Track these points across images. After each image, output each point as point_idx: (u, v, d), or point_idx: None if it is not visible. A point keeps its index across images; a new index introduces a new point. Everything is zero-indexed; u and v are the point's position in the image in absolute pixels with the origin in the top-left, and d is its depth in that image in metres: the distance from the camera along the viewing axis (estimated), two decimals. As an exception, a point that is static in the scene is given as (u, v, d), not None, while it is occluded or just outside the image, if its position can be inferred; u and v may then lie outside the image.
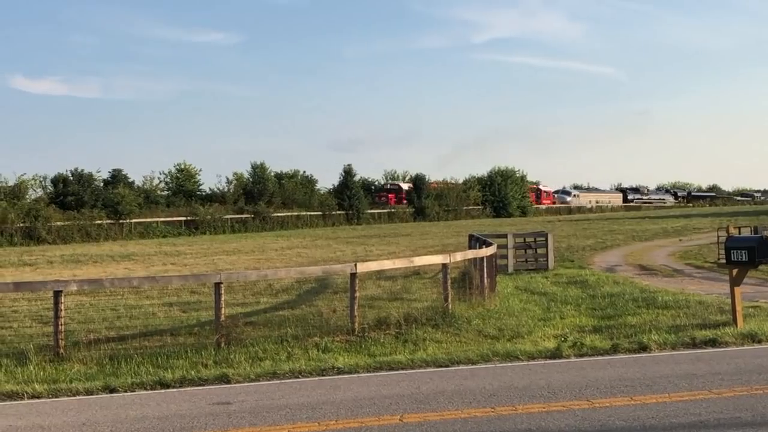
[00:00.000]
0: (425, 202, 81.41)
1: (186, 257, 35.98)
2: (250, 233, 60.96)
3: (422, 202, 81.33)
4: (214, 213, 62.35)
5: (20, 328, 15.76)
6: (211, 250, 40.36)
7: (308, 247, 41.45)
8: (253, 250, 39.88)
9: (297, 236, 53.98)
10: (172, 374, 11.20)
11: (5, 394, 10.32)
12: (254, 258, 34.73)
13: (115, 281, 16.34)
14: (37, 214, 50.55)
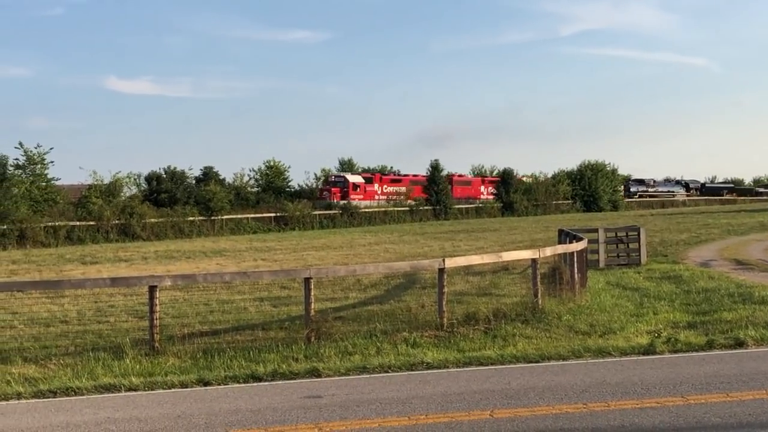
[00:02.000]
0: (513, 197, 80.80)
1: (276, 253, 36.42)
2: (338, 229, 61.38)
3: (510, 196, 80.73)
4: (303, 209, 62.95)
5: (117, 323, 16.16)
6: (300, 246, 40.78)
7: (396, 243, 41.54)
8: (341, 246, 40.16)
9: (384, 232, 54.13)
10: (264, 368, 11.36)
11: (103, 387, 10.60)
12: (342, 253, 34.96)
13: (207, 277, 16.62)
14: (131, 211, 51.76)
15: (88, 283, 16.32)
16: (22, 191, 51.06)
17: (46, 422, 8.80)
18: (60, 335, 14.84)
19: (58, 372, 11.67)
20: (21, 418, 9.05)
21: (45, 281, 21.09)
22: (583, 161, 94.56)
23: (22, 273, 29.46)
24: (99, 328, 15.63)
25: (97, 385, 10.66)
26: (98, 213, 50.35)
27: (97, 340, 14.15)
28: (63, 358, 12.52)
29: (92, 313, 17.46)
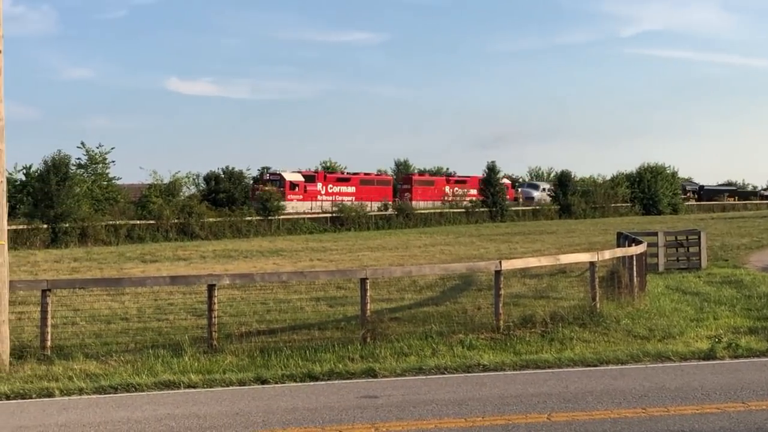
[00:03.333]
0: (571, 199, 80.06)
1: (332, 253, 36.56)
2: (394, 230, 61.38)
3: (568, 199, 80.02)
4: (359, 210, 63.11)
5: (176, 321, 16.35)
6: (355, 247, 40.88)
7: (451, 244, 41.45)
8: (396, 247, 40.18)
9: (440, 233, 54.04)
10: (320, 367, 11.43)
11: (163, 384, 10.76)
12: (398, 254, 34.98)
13: (265, 276, 16.76)
14: (190, 210, 52.32)
15: (148, 281, 16.59)
16: (84, 190, 51.92)
17: (107, 417, 8.96)
18: (120, 332, 15.06)
19: (118, 368, 11.85)
20: (83, 413, 9.23)
21: (106, 279, 21.45)
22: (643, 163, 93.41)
23: (83, 270, 29.95)
24: (158, 325, 15.82)
25: (156, 381, 10.82)
26: (158, 212, 50.99)
27: (156, 337, 14.32)
28: (123, 354, 12.69)
29: (152, 311, 17.68)
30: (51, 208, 45.36)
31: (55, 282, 15.85)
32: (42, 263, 33.06)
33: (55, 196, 45.50)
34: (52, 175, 46.15)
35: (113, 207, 53.72)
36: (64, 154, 48.24)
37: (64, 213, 45.47)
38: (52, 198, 45.51)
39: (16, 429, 8.51)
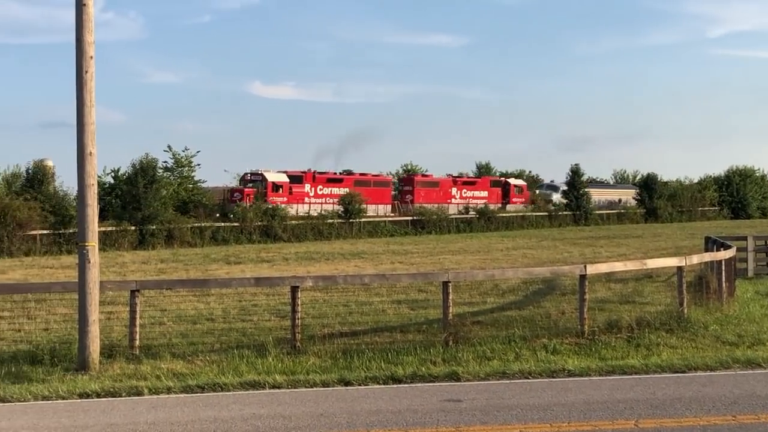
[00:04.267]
0: (657, 203, 78.67)
1: (413, 256, 36.60)
2: (475, 233, 61.15)
3: (654, 202, 78.65)
4: (440, 213, 63.03)
5: (260, 322, 16.54)
6: (437, 250, 40.85)
7: (534, 248, 41.12)
8: (478, 250, 40.02)
9: (522, 237, 53.67)
10: (403, 370, 11.45)
11: (248, 384, 10.90)
12: (479, 258, 34.85)
13: (347, 278, 16.82)
14: (273, 213, 52.91)
15: (233, 283, 16.84)
16: (170, 193, 52.90)
17: (195, 416, 9.12)
18: (206, 332, 15.30)
19: (204, 368, 12.04)
20: (171, 412, 9.41)
21: (193, 280, 21.80)
22: (731, 166, 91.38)
23: (170, 271, 30.53)
24: (243, 326, 16.02)
25: (242, 381, 10.97)
26: (242, 215, 51.70)
27: (241, 338, 14.52)
28: (209, 354, 12.89)
29: (236, 312, 17.92)
30: (138, 211, 46.36)
31: (144, 283, 16.17)
32: (130, 264, 33.82)
33: (142, 198, 46.50)
34: (139, 178, 47.18)
35: (198, 209, 54.59)
36: (151, 158, 49.31)
37: (151, 215, 46.42)
38: (139, 200, 46.51)
39: (107, 426, 8.72)
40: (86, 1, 12.20)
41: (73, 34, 12.31)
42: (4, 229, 41.00)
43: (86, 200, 12.38)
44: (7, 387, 10.84)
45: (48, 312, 17.54)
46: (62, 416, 9.26)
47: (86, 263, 12.24)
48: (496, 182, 76.23)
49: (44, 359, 12.41)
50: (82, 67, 12.27)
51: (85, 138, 12.30)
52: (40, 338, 14.32)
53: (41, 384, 11.03)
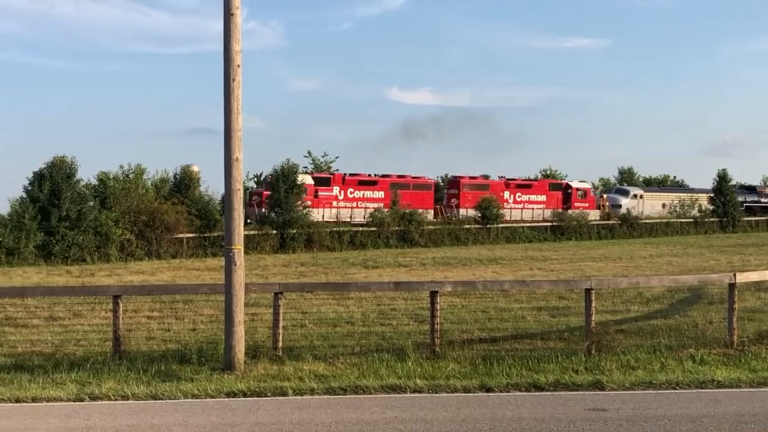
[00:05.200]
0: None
1: (552, 262, 36.13)
2: (617, 240, 59.86)
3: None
4: (580, 219, 62.00)
5: (398, 326, 16.65)
6: (577, 256, 40.21)
7: (679, 256, 39.97)
8: (620, 257, 39.20)
9: (666, 244, 52.25)
10: (545, 378, 11.32)
11: (389, 387, 10.99)
12: (621, 265, 34.12)
13: (487, 284, 16.81)
14: (410, 218, 53.20)
15: (373, 287, 17.01)
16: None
17: (338, 418, 9.26)
18: (346, 335, 15.50)
19: (345, 370, 12.18)
20: (315, 413, 9.57)
21: (333, 283, 22.12)
22: None
23: (309, 274, 31.12)
24: (382, 330, 16.16)
25: (383, 384, 11.06)
26: (380, 219, 52.18)
27: (380, 341, 14.65)
28: (349, 357, 13.04)
29: (375, 316, 18.06)
30: (280, 215, 47.41)
31: (286, 285, 16.50)
32: (271, 267, 34.61)
33: (283, 203, 47.51)
34: (281, 183, 48.20)
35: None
36: (292, 163, 50.29)
37: (291, 219, 47.40)
38: (281, 205, 47.55)
39: (254, 425, 8.94)
40: (233, 12, 12.56)
41: (220, 43, 12.69)
42: (153, 232, 42.64)
43: (233, 204, 12.73)
44: (158, 385, 11.26)
45: (195, 313, 18.13)
46: (211, 414, 9.56)
47: (232, 266, 12.59)
48: (555, 185, 68.90)
49: (192, 358, 12.81)
50: (229, 76, 12.63)
51: (231, 144, 12.66)
52: (188, 338, 14.79)
53: (190, 383, 11.40)
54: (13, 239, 38.38)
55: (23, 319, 17.81)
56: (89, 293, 18.71)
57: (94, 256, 40.09)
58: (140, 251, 42.16)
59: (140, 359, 12.90)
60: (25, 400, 10.60)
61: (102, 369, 12.33)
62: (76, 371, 12.21)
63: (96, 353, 13.42)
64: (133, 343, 14.02)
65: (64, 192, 40.26)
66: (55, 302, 19.33)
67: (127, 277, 30.97)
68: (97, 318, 17.51)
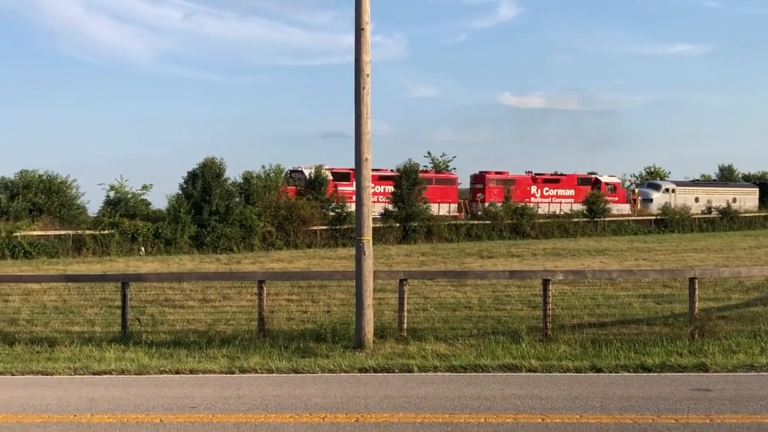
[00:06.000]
0: None
1: (656, 253, 35.24)
2: (717, 232, 57.93)
3: None
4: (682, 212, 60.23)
5: (512, 311, 16.53)
6: (680, 248, 39.07)
7: (778, 247, 38.39)
8: (721, 249, 37.92)
9: (765, 236, 50.20)
10: (651, 360, 11.06)
11: (505, 366, 10.92)
12: (722, 256, 33.02)
13: (595, 273, 16.50)
14: (522, 212, 52.74)
15: (489, 275, 16.98)
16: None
17: (459, 393, 9.27)
18: (464, 319, 15.48)
19: (464, 351, 12.18)
20: (438, 388, 9.61)
21: (453, 271, 22.15)
22: None
23: (430, 263, 31.19)
24: (497, 314, 16.08)
25: (499, 364, 11.00)
26: (494, 213, 51.97)
27: (495, 325, 14.58)
28: (468, 339, 13.04)
29: (491, 301, 17.99)
30: (403, 209, 47.71)
31: (410, 273, 16.60)
32: (395, 257, 34.81)
33: (406, 198, 47.79)
34: (404, 180, 48.48)
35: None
36: (413, 163, 50.46)
37: (413, 213, 47.64)
38: (403, 200, 47.84)
39: (384, 398, 9.03)
40: (364, 26, 12.70)
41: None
42: (291, 224, 43.50)
43: (363, 200, 12.90)
44: (298, 360, 11.51)
45: (329, 297, 18.42)
46: (345, 387, 9.71)
47: (362, 255, 12.75)
48: (584, 180, 62.15)
49: (327, 337, 13.04)
50: (359, 84, 12.77)
51: (361, 146, 12.81)
52: (323, 319, 15.05)
53: (326, 359, 11.60)
54: (170, 231, 39.79)
55: (180, 300, 18.44)
56: (237, 278, 19.25)
57: (240, 246, 41.15)
58: (279, 242, 43.04)
59: (281, 337, 13.20)
60: (183, 371, 11.00)
61: (248, 345, 12.67)
62: (227, 347, 12.58)
63: (243, 331, 13.78)
64: (275, 323, 14.33)
65: (214, 189, 41.44)
66: (207, 286, 19.94)
67: (269, 264, 31.68)
68: (244, 300, 17.98)
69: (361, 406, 8.63)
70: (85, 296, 18.87)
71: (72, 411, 8.62)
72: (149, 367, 11.19)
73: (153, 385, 10.08)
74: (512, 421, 7.93)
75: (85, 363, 11.52)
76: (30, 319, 16.06)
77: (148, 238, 39.39)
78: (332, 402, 8.83)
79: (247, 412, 8.45)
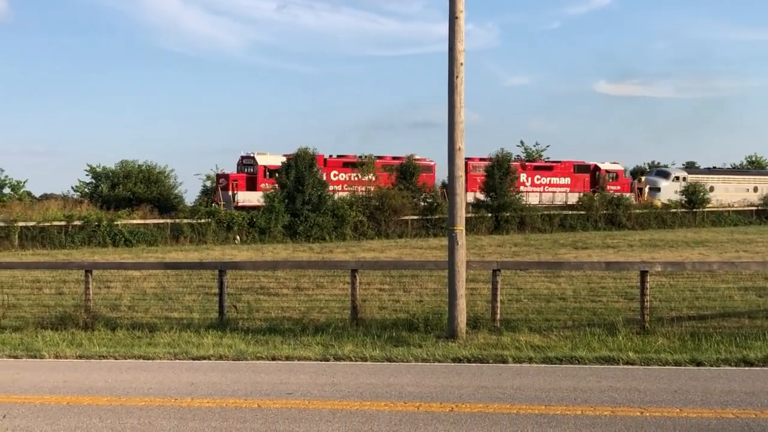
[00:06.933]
0: None
1: (757, 245, 34.14)
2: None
3: None
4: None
5: (608, 303, 16.26)
6: (783, 239, 37.82)
7: None
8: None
9: None
10: (754, 353, 10.74)
11: (602, 359, 10.76)
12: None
13: (695, 264, 16.10)
14: (618, 202, 51.91)
15: (585, 266, 16.74)
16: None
17: (555, 385, 9.18)
18: (558, 310, 15.31)
19: (558, 342, 12.06)
20: (534, 379, 9.54)
21: (547, 262, 21.92)
22: None
23: (522, 254, 30.94)
24: (592, 306, 15.86)
25: (595, 356, 10.85)
26: (588, 204, 51.24)
27: (591, 316, 14.37)
28: (562, 330, 12.90)
29: (586, 293, 17.73)
30: (495, 199, 47.45)
31: (503, 263, 16.52)
32: (487, 247, 34.67)
33: (498, 188, 47.53)
34: (495, 170, 48.24)
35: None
36: (506, 152, 50.14)
37: (505, 203, 47.35)
38: (495, 190, 47.59)
39: (479, 388, 9.03)
40: (458, 15, 12.65)
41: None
42: (382, 214, 43.79)
43: (455, 190, 12.89)
44: (391, 349, 11.58)
45: (420, 286, 18.46)
46: (439, 377, 9.73)
47: (455, 245, 12.74)
48: (582, 167, 57.35)
49: (419, 327, 13.07)
50: (453, 73, 12.74)
51: (455, 135, 12.78)
52: (415, 309, 15.07)
53: (418, 348, 11.64)
54: (264, 220, 40.56)
55: (275, 288, 18.78)
56: (330, 267, 19.50)
57: (332, 235, 41.66)
58: (371, 231, 43.39)
59: (374, 326, 13.30)
60: (279, 358, 11.20)
61: (342, 333, 12.82)
62: (320, 335, 12.76)
63: (336, 320, 13.95)
64: (368, 312, 14.43)
65: (307, 179, 42.01)
66: (300, 275, 20.24)
67: (360, 253, 31.94)
68: (337, 289, 18.17)
69: (456, 395, 8.65)
70: (183, 283, 19.39)
71: (173, 395, 8.89)
72: (246, 353, 11.44)
73: (250, 371, 10.30)
74: (610, 414, 7.82)
75: (184, 348, 11.85)
76: (131, 305, 16.60)
77: (243, 227, 40.25)
78: (426, 391, 8.87)
79: (342, 399, 8.57)
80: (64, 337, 13.10)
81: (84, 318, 14.13)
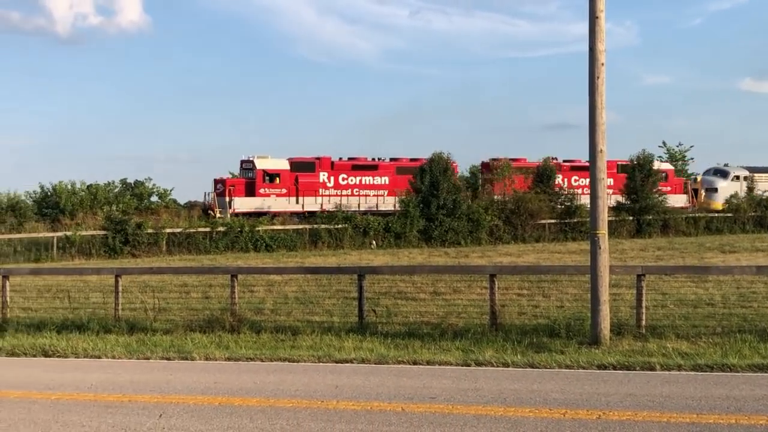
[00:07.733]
0: None
1: None
2: None
3: None
4: None
5: (760, 308, 15.68)
6: None
7: None
8: None
9: None
10: None
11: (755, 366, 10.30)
12: None
13: None
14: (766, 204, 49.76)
15: (734, 270, 16.12)
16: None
17: (706, 393, 8.90)
18: (707, 316, 14.82)
19: (707, 349, 11.72)
20: (683, 387, 9.27)
21: (693, 266, 21.14)
22: None
23: (666, 258, 30.09)
24: (743, 312, 15.32)
25: (748, 363, 10.43)
26: (735, 206, 49.45)
27: (741, 323, 13.88)
28: (711, 337, 12.51)
29: (735, 298, 17.17)
30: (636, 202, 46.34)
31: (648, 268, 16.05)
32: (628, 251, 33.90)
33: (639, 190, 46.38)
34: (637, 171, 47.09)
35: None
36: (647, 153, 48.85)
37: (648, 206, 46.16)
38: (637, 192, 46.47)
39: (626, 396, 8.84)
40: (598, 14, 12.45)
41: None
42: (518, 218, 43.46)
43: (597, 192, 12.66)
44: (532, 355, 11.51)
45: (560, 291, 18.26)
46: (584, 383, 9.60)
47: (597, 249, 12.53)
48: (626, 167, 49.30)
49: (560, 333, 12.94)
50: (594, 74, 12.54)
51: (596, 137, 12.58)
52: (556, 314, 14.91)
53: (561, 354, 11.52)
54: (400, 225, 40.99)
55: (412, 293, 18.96)
56: (467, 272, 19.51)
57: (467, 240, 41.64)
58: (507, 235, 43.10)
59: (513, 331, 13.26)
60: (420, 362, 11.32)
61: (481, 339, 12.83)
62: (459, 340, 12.81)
63: (475, 325, 13.96)
64: (507, 317, 14.38)
65: (441, 184, 42.17)
66: (437, 279, 20.36)
67: (497, 258, 31.81)
68: (474, 294, 18.18)
69: (602, 403, 8.51)
70: (323, 287, 19.86)
71: (319, 397, 9.13)
72: (387, 357, 11.61)
73: (392, 375, 10.45)
74: (765, 424, 7.54)
75: (326, 351, 12.14)
76: (274, 309, 17.12)
77: (379, 232, 40.78)
78: (572, 398, 8.77)
79: (485, 404, 8.58)
80: (212, 339, 13.66)
81: (230, 321, 14.67)
